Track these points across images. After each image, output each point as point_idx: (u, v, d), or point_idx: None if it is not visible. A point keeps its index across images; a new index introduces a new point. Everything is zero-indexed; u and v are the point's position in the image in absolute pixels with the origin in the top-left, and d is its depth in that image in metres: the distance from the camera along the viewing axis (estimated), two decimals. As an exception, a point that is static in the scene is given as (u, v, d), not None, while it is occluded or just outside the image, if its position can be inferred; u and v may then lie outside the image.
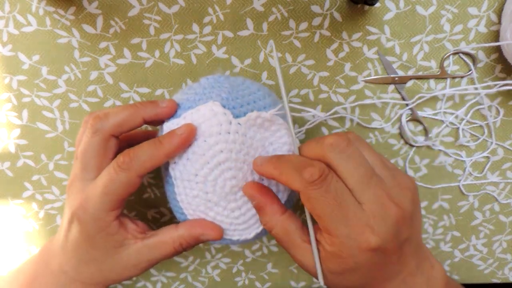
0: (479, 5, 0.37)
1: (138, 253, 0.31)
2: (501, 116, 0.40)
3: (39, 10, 0.36)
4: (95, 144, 0.31)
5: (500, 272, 0.46)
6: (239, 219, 0.31)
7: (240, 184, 0.30)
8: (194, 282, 0.46)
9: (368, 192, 0.27)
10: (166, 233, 0.32)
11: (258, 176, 0.31)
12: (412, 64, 0.39)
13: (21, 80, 0.38)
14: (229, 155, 0.29)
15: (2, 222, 0.42)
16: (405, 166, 0.42)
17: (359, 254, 0.27)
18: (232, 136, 0.29)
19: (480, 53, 0.38)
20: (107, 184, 0.29)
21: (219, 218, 0.31)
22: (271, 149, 0.31)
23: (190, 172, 0.30)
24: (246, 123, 0.30)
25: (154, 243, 0.31)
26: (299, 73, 0.39)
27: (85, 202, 0.30)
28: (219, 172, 0.30)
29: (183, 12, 0.37)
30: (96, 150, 0.31)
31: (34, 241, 0.43)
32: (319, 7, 0.37)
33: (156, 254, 0.32)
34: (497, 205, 0.43)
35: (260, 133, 0.31)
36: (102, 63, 0.38)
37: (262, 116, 0.30)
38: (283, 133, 0.31)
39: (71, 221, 0.31)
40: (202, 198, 0.31)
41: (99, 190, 0.30)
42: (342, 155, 0.28)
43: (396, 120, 0.40)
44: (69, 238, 0.32)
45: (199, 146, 0.30)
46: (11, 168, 0.41)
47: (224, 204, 0.31)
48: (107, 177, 0.30)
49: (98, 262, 0.31)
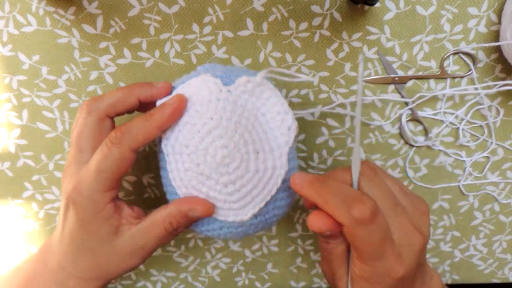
0: (479, 5, 0.37)
1: (132, 239, 0.31)
2: (501, 116, 0.40)
3: (39, 10, 0.36)
4: (90, 125, 0.31)
5: (500, 272, 0.46)
6: (233, 195, 0.30)
7: (232, 154, 0.29)
8: (194, 282, 0.46)
9: (396, 221, 0.28)
10: (157, 213, 0.31)
11: (252, 147, 0.30)
12: (412, 64, 0.39)
13: (21, 80, 0.38)
14: (219, 122, 0.29)
15: (2, 222, 0.42)
16: (405, 166, 0.42)
17: (387, 281, 0.28)
18: (222, 103, 0.29)
19: (480, 53, 0.38)
20: (100, 161, 0.29)
21: (212, 194, 0.30)
22: (264, 120, 0.31)
23: (182, 144, 0.30)
24: (236, 89, 0.30)
25: (146, 226, 0.31)
26: (299, 73, 0.39)
27: (79, 184, 0.30)
28: (209, 140, 0.29)
29: (183, 12, 0.37)
30: (91, 130, 0.31)
31: (34, 241, 0.43)
32: (319, 7, 0.37)
33: (149, 238, 0.31)
34: (497, 205, 0.43)
35: (251, 102, 0.31)
36: (102, 63, 0.38)
37: (252, 80, 0.30)
38: (275, 100, 0.31)
39: (66, 207, 0.31)
40: (194, 171, 0.30)
41: (93, 169, 0.29)
42: (371, 184, 0.28)
43: (396, 120, 0.40)
44: (65, 227, 0.31)
45: (191, 116, 0.30)
46: (11, 168, 0.41)
47: (216, 177, 0.30)
48: (99, 154, 0.29)
49: (94, 252, 0.31)
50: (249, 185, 0.30)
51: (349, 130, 0.41)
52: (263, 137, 0.30)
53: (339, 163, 0.42)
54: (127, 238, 0.31)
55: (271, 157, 0.31)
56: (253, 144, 0.30)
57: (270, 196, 0.31)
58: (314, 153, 0.41)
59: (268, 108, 0.31)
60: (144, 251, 0.31)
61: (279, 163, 0.31)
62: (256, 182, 0.30)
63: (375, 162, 0.41)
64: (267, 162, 0.30)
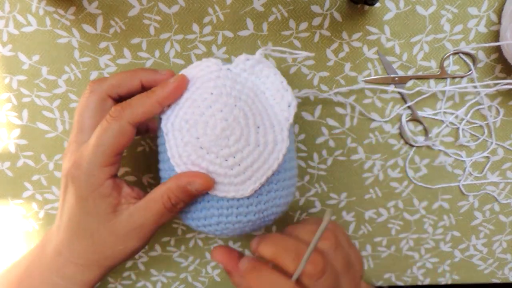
0: (479, 5, 0.37)
1: (130, 217, 0.30)
2: (501, 116, 0.40)
3: (39, 10, 0.36)
4: (91, 104, 0.31)
5: (500, 272, 0.46)
6: (233, 169, 0.30)
7: (231, 127, 0.29)
8: (194, 282, 0.46)
9: None
10: (155, 190, 0.30)
11: (252, 121, 0.30)
12: (412, 64, 0.39)
13: (21, 80, 0.38)
14: (219, 97, 0.30)
15: (2, 222, 0.42)
16: (405, 166, 0.42)
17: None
18: (222, 80, 0.30)
19: (480, 53, 0.38)
20: (99, 135, 0.29)
21: (212, 169, 0.30)
22: (263, 97, 0.31)
23: (182, 119, 0.30)
24: (236, 67, 0.31)
25: (145, 203, 0.30)
26: (299, 73, 0.39)
27: (79, 159, 0.30)
28: (209, 113, 0.29)
29: (183, 12, 0.37)
30: (92, 109, 0.31)
31: (34, 241, 0.43)
32: (319, 7, 0.37)
33: (147, 216, 0.30)
34: (497, 205, 0.43)
35: (251, 80, 0.31)
36: (102, 63, 0.38)
37: (251, 58, 0.31)
38: (274, 78, 0.31)
39: (65, 186, 0.31)
40: (193, 144, 0.30)
41: (92, 143, 0.29)
42: None
43: (396, 120, 0.40)
44: (64, 209, 0.31)
45: (191, 93, 0.30)
46: (11, 168, 0.41)
47: (216, 150, 0.30)
48: (99, 129, 0.29)
49: (92, 232, 0.30)
50: (249, 159, 0.30)
51: (349, 130, 0.41)
52: (263, 113, 0.31)
53: (339, 163, 0.42)
54: (125, 217, 0.30)
55: (271, 131, 0.31)
56: (253, 117, 0.30)
57: (271, 171, 0.30)
58: (314, 153, 0.41)
59: (268, 86, 0.32)
60: (142, 230, 0.30)
61: (280, 138, 0.31)
62: (257, 156, 0.30)
63: (375, 162, 0.42)
64: (267, 136, 0.30)
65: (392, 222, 0.44)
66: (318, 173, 0.42)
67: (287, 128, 0.31)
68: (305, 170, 0.42)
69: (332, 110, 0.40)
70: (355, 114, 0.40)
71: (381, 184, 0.43)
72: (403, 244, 0.45)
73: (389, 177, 0.42)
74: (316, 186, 0.43)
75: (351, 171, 0.42)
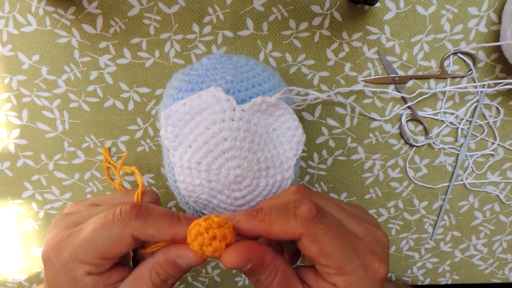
0: (479, 5, 0.37)
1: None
2: (501, 116, 0.40)
3: (39, 10, 0.36)
4: (115, 233, 0.25)
5: (500, 272, 0.46)
6: (242, 207, 0.31)
7: (245, 173, 0.29)
8: (194, 282, 0.46)
9: (354, 223, 0.27)
10: (143, 264, 0.26)
11: (264, 164, 0.30)
12: (412, 64, 0.39)
13: (21, 80, 0.38)
14: (233, 143, 0.29)
15: (2, 222, 0.42)
16: (405, 166, 0.42)
17: (373, 286, 0.25)
18: (236, 123, 0.29)
19: (480, 53, 0.38)
20: (96, 229, 0.25)
21: (222, 206, 0.31)
22: (274, 135, 0.31)
23: (193, 160, 0.29)
24: (250, 109, 0.29)
25: (132, 280, 0.26)
26: (299, 73, 0.39)
27: (63, 243, 0.26)
28: (223, 160, 0.29)
29: (183, 12, 0.37)
30: (110, 239, 0.25)
31: (34, 241, 0.43)
32: (319, 7, 0.37)
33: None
34: (497, 205, 0.43)
35: (264, 119, 0.30)
36: (102, 63, 0.38)
37: (267, 101, 0.29)
38: (287, 118, 0.31)
39: (44, 264, 0.26)
40: (205, 186, 0.30)
41: (85, 235, 0.25)
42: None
43: (396, 120, 0.40)
44: None
45: (202, 134, 0.29)
46: (11, 168, 0.40)
47: (227, 193, 0.30)
48: (99, 221, 0.25)
49: None
50: (259, 198, 0.31)
51: (349, 130, 0.41)
52: (273, 152, 0.31)
53: (339, 163, 0.42)
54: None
55: (280, 171, 0.31)
56: (265, 161, 0.30)
57: None
58: (314, 153, 0.41)
59: (280, 124, 0.31)
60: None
61: (286, 175, 0.31)
62: (266, 194, 0.31)
63: (375, 162, 0.42)
64: (276, 176, 0.31)
65: (392, 222, 0.44)
66: (318, 173, 0.42)
67: (294, 164, 0.31)
68: (305, 170, 0.42)
69: (332, 110, 0.40)
70: (355, 114, 0.40)
71: (381, 184, 0.42)
72: (403, 244, 0.45)
73: (389, 177, 0.42)
74: (316, 186, 0.43)
75: (351, 171, 0.42)
